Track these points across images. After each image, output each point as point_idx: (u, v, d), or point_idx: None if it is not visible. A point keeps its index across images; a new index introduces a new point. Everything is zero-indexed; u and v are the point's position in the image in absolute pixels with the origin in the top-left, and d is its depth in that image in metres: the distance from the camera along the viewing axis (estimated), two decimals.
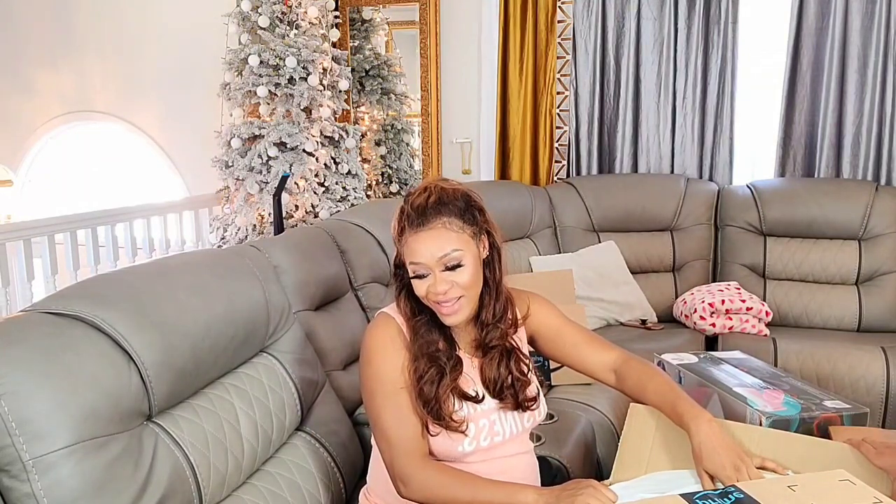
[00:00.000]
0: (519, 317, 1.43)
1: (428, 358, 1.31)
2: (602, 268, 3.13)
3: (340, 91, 3.48)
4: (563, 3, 3.51)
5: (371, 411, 1.33)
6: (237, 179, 3.34)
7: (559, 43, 3.53)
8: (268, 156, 3.22)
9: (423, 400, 1.29)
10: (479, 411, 1.33)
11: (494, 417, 1.35)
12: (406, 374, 1.31)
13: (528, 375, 1.40)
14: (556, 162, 3.65)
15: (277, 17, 3.32)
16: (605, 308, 3.07)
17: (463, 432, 1.29)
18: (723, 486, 1.11)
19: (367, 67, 3.91)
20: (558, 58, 3.54)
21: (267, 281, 1.54)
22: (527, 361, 1.42)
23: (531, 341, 1.50)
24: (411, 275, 1.31)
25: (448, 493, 1.24)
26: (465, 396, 1.32)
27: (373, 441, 1.40)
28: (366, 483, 1.46)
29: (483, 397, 1.34)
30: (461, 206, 1.31)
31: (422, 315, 1.35)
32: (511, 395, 1.36)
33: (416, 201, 1.30)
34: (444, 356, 1.32)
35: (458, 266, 1.29)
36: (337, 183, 3.37)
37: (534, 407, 1.40)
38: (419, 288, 1.30)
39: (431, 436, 1.29)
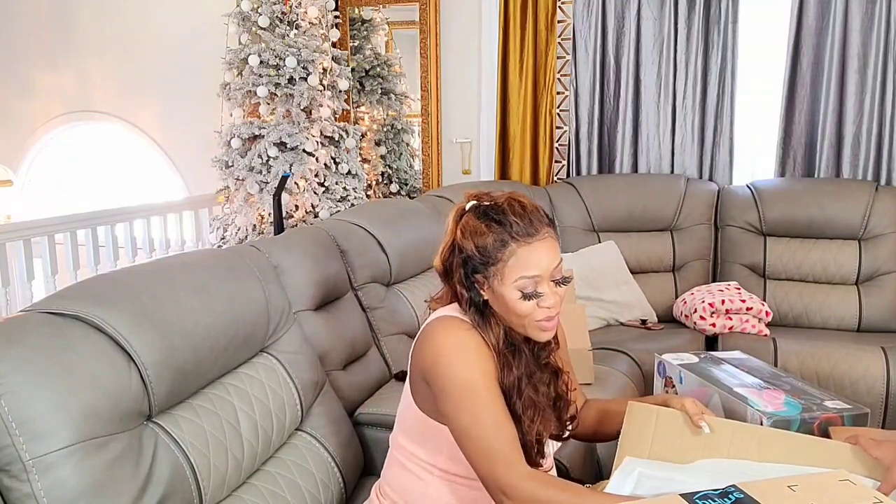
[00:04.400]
0: None
1: (532, 405, 1.24)
2: (602, 268, 3.13)
3: (340, 91, 3.48)
4: (563, 3, 3.51)
5: (460, 422, 1.19)
6: (237, 179, 3.34)
7: (559, 43, 3.53)
8: (268, 156, 3.22)
9: (531, 444, 1.22)
10: None
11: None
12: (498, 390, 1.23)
13: (568, 396, 1.36)
14: (556, 162, 3.65)
15: (277, 17, 3.32)
16: (605, 308, 3.07)
17: (546, 471, 1.26)
18: (723, 488, 1.11)
19: (367, 67, 3.91)
20: (558, 58, 3.54)
21: (267, 281, 1.54)
22: (567, 379, 1.36)
23: None
24: (518, 293, 1.20)
25: None
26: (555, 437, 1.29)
27: (392, 440, 1.38)
28: (378, 479, 1.43)
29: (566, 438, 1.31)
30: (553, 221, 1.28)
31: (519, 355, 1.25)
32: (556, 417, 1.32)
33: (521, 211, 1.22)
34: (546, 401, 1.26)
35: (566, 281, 1.24)
36: (337, 183, 3.37)
37: (572, 426, 1.36)
38: (523, 307, 1.20)
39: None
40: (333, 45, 3.59)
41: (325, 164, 3.33)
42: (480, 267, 1.22)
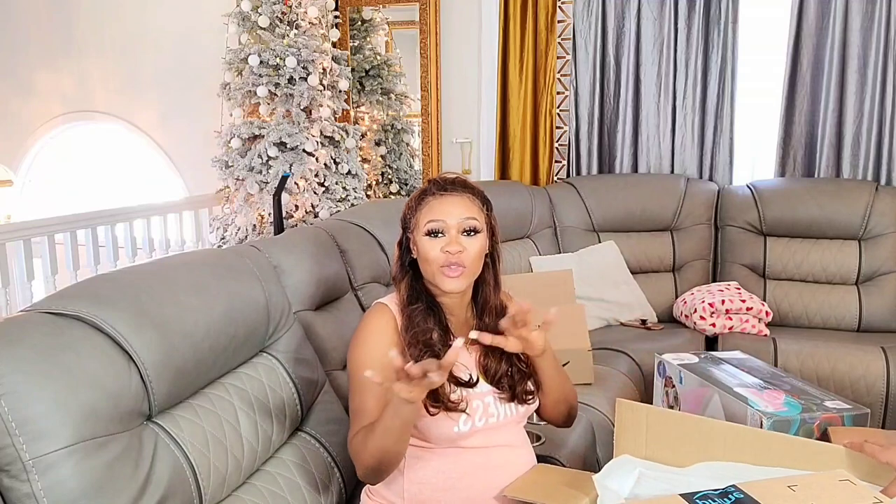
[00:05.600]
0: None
1: (423, 345, 1.33)
2: (602, 268, 3.13)
3: (340, 91, 3.48)
4: (563, 3, 3.51)
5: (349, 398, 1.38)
6: (237, 179, 3.34)
7: (559, 43, 3.53)
8: (268, 156, 3.22)
9: None
10: (472, 393, 1.35)
11: (489, 400, 1.37)
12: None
13: (528, 370, 1.43)
14: (556, 162, 3.65)
15: (277, 17, 3.32)
16: (605, 308, 3.07)
17: (463, 410, 1.31)
18: (723, 487, 1.11)
19: (367, 67, 3.91)
20: (558, 58, 3.54)
21: (267, 281, 1.54)
22: (525, 359, 1.44)
23: None
24: (425, 232, 1.35)
25: (368, 444, 1.25)
26: (457, 382, 1.34)
27: None
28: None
29: (476, 381, 1.37)
30: (482, 195, 1.43)
31: (419, 303, 1.38)
32: (509, 385, 1.39)
33: (444, 176, 1.41)
34: (438, 344, 1.35)
35: (475, 232, 1.36)
36: (337, 183, 3.37)
37: (531, 401, 1.43)
38: (431, 248, 1.35)
39: (431, 415, 1.30)
40: (333, 45, 3.59)
41: (325, 164, 3.33)
42: (408, 222, 1.41)
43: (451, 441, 1.33)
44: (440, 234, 1.35)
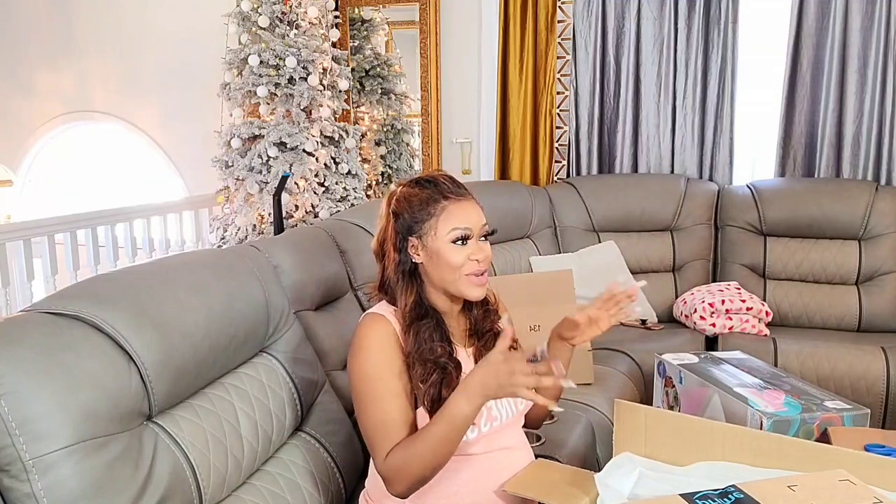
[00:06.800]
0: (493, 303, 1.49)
1: (432, 363, 1.31)
2: (602, 268, 3.13)
3: (340, 91, 3.48)
4: (563, 3, 3.51)
5: (357, 412, 1.33)
6: (237, 179, 3.34)
7: (559, 43, 3.53)
8: (268, 156, 3.22)
9: (430, 401, 1.28)
10: None
11: (490, 403, 1.35)
12: (401, 378, 1.31)
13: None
14: (556, 162, 3.65)
15: (277, 17, 3.32)
16: None
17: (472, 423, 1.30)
18: (721, 488, 1.11)
19: (367, 67, 3.91)
20: (558, 58, 3.54)
21: (267, 281, 1.54)
22: (515, 345, 1.43)
23: None
24: (453, 239, 1.32)
25: (414, 458, 1.23)
26: None
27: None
28: (365, 486, 1.46)
29: None
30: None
31: (427, 319, 1.34)
32: None
33: (436, 176, 1.37)
34: (445, 359, 1.33)
35: (490, 235, 1.37)
36: (337, 183, 3.37)
37: None
38: (459, 255, 1.32)
39: None
40: (333, 45, 3.59)
41: (325, 164, 3.33)
42: (415, 226, 1.34)
43: (459, 449, 1.31)
44: (468, 241, 1.33)
